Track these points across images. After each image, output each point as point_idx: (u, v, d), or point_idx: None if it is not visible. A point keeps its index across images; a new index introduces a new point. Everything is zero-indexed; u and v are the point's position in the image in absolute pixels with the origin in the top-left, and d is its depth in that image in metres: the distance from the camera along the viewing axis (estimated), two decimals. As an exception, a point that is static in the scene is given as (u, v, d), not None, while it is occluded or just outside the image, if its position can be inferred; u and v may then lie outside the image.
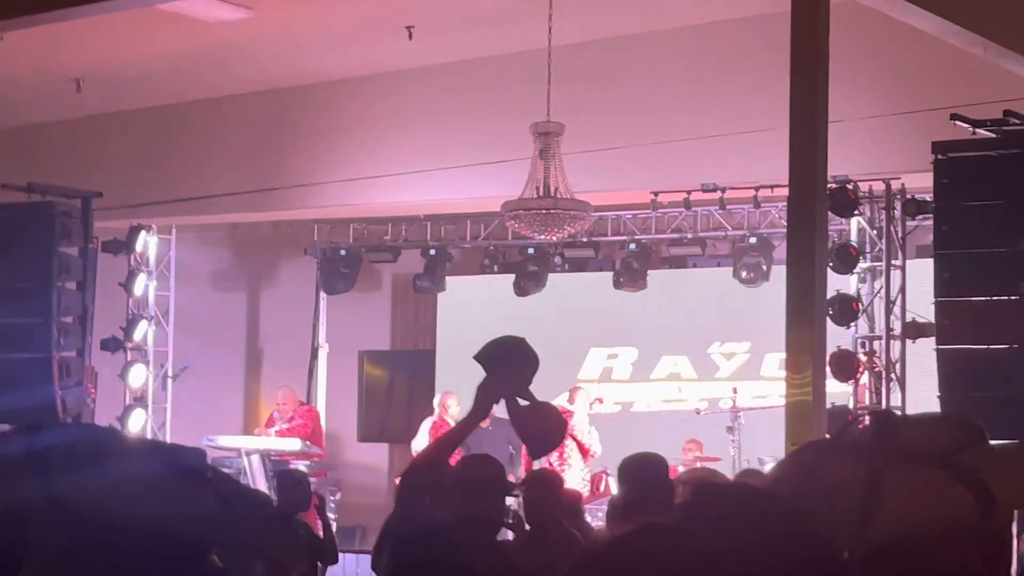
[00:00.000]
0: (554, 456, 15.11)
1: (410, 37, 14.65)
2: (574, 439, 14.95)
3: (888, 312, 14.02)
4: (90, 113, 17.64)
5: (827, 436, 8.46)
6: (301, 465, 15.83)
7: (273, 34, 14.87)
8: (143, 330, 17.22)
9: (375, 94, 16.31)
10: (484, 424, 15.75)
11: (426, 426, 15.73)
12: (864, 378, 13.95)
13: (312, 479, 15.94)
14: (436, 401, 16.10)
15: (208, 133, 17.32)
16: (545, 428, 5.28)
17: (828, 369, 11.32)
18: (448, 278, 18.24)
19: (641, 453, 7.79)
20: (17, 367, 14.36)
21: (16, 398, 14.34)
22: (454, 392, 15.76)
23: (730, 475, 14.26)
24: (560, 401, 15.53)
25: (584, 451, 15.04)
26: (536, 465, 12.75)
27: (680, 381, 17.40)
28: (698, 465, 14.80)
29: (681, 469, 13.59)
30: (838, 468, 1.48)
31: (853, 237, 14.37)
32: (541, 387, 19.42)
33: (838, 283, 13.58)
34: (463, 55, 15.54)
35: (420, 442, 15.33)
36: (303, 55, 15.62)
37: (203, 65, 15.97)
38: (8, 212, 14.68)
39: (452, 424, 15.34)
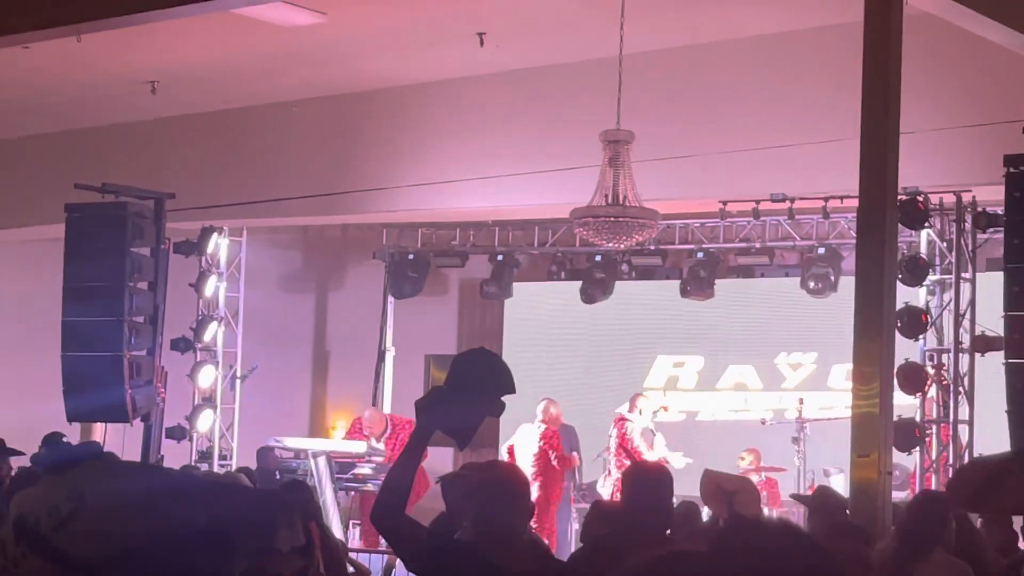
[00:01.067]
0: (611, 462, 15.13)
1: (481, 43, 14.71)
2: (624, 447, 14.91)
3: (957, 325, 13.94)
4: (164, 115, 17.82)
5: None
6: (367, 468, 15.93)
7: (345, 39, 14.97)
8: (213, 331, 17.37)
9: (446, 99, 16.38)
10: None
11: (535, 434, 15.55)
12: (932, 391, 13.87)
13: (379, 480, 16.04)
14: (540, 408, 15.74)
15: (280, 136, 17.45)
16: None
17: (895, 382, 11.27)
18: (515, 284, 18.29)
19: (645, 464, 7.99)
20: (89, 366, 14.51)
21: (87, 397, 14.50)
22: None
23: (795, 486, 14.27)
24: (621, 408, 15.54)
25: (637, 458, 14.98)
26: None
27: (746, 391, 17.37)
28: (762, 476, 14.79)
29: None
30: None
31: (923, 249, 14.30)
32: (607, 394, 19.62)
33: (907, 295, 13.51)
34: (534, 62, 15.59)
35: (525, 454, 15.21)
36: (374, 60, 15.71)
37: (276, 69, 16.10)
38: (82, 212, 14.84)
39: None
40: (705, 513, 9.44)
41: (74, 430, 15.21)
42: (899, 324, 12.47)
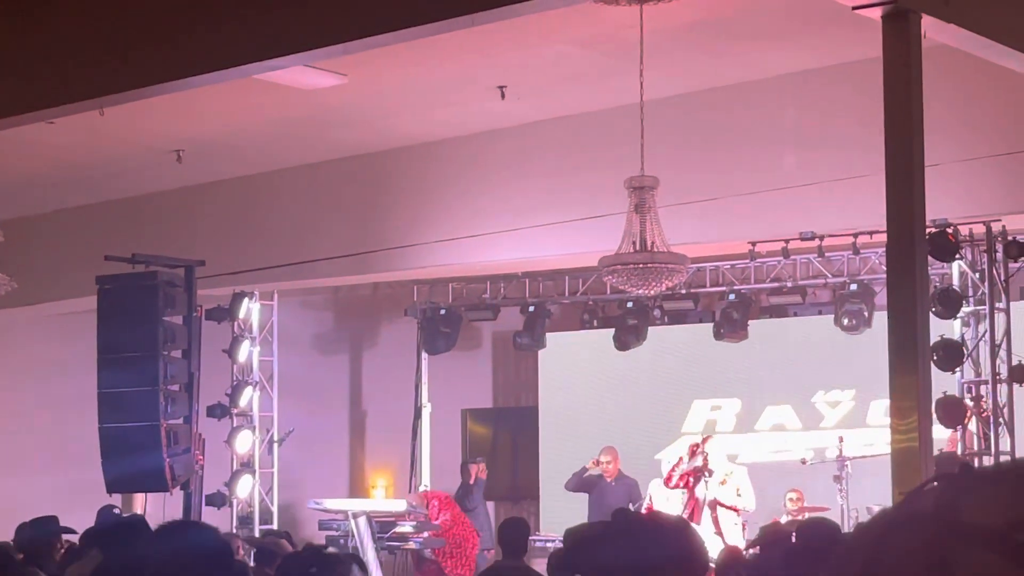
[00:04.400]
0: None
1: (503, 97, 14.76)
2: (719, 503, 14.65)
3: (994, 356, 13.86)
4: (191, 183, 17.91)
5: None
6: (408, 526, 15.90)
7: (367, 99, 15.03)
8: (248, 396, 17.40)
9: (470, 154, 16.42)
10: (609, 479, 15.80)
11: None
12: (972, 424, 13.78)
13: (420, 539, 16.02)
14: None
15: (306, 199, 17.51)
16: None
17: (934, 416, 11.19)
18: (548, 334, 18.26)
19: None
20: (126, 435, 14.56)
21: (126, 465, 14.54)
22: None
23: (840, 524, 14.14)
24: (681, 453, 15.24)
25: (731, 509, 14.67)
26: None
27: (785, 432, 17.28)
28: (805, 515, 14.68)
29: (785, 519, 13.48)
30: (902, 541, 1.35)
31: (955, 281, 14.24)
32: (645, 441, 19.54)
33: (942, 328, 13.44)
34: (555, 112, 15.62)
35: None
36: (397, 118, 15.77)
37: (300, 132, 16.17)
38: (114, 283, 14.92)
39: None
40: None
41: (116, 499, 15.23)
42: (935, 357, 12.39)
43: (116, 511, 14.35)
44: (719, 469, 14.87)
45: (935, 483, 1.37)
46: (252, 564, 10.92)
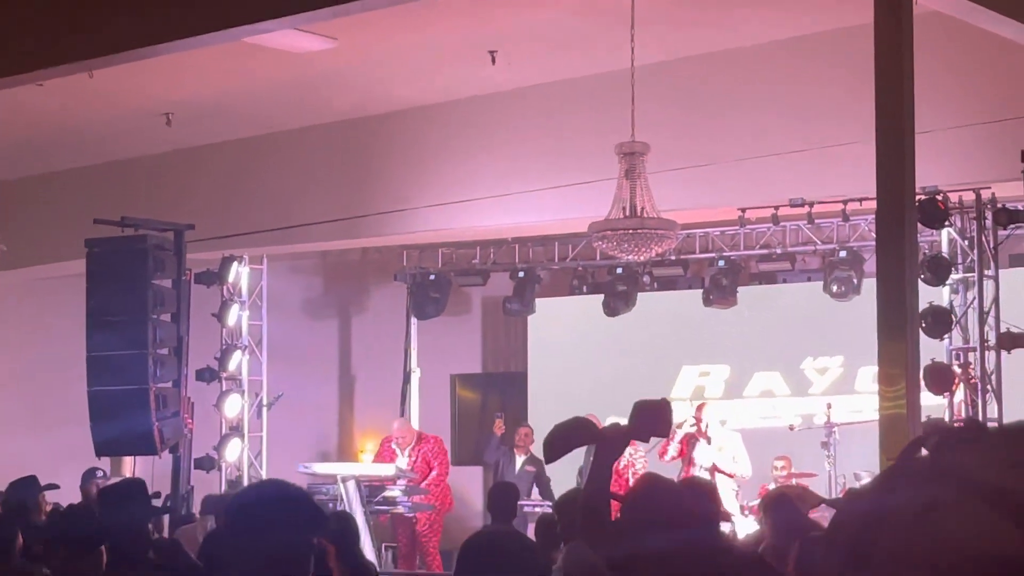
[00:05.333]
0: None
1: (493, 62, 14.72)
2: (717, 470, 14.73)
3: (982, 323, 13.88)
4: (180, 146, 17.87)
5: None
6: (397, 490, 15.93)
7: (357, 63, 14.99)
8: (237, 360, 17.40)
9: (460, 119, 16.39)
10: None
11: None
12: (960, 391, 13.82)
13: (408, 502, 16.05)
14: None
15: (296, 163, 17.48)
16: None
17: (922, 382, 11.21)
18: (537, 300, 18.28)
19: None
20: (115, 398, 14.55)
21: (114, 429, 14.54)
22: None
23: (827, 491, 14.21)
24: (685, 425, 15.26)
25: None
26: None
27: (774, 398, 17.32)
28: (793, 482, 14.72)
29: (772, 486, 13.51)
30: (900, 486, 1.37)
31: (944, 248, 14.25)
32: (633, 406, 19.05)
33: (931, 295, 13.47)
34: (546, 78, 15.59)
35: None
36: (387, 83, 15.73)
37: (290, 96, 16.13)
38: (103, 246, 14.89)
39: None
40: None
41: (104, 463, 15.25)
42: (923, 324, 12.43)
43: (100, 473, 14.39)
44: (716, 435, 14.94)
45: (936, 437, 1.38)
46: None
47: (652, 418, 5.33)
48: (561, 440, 5.35)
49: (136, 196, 17.57)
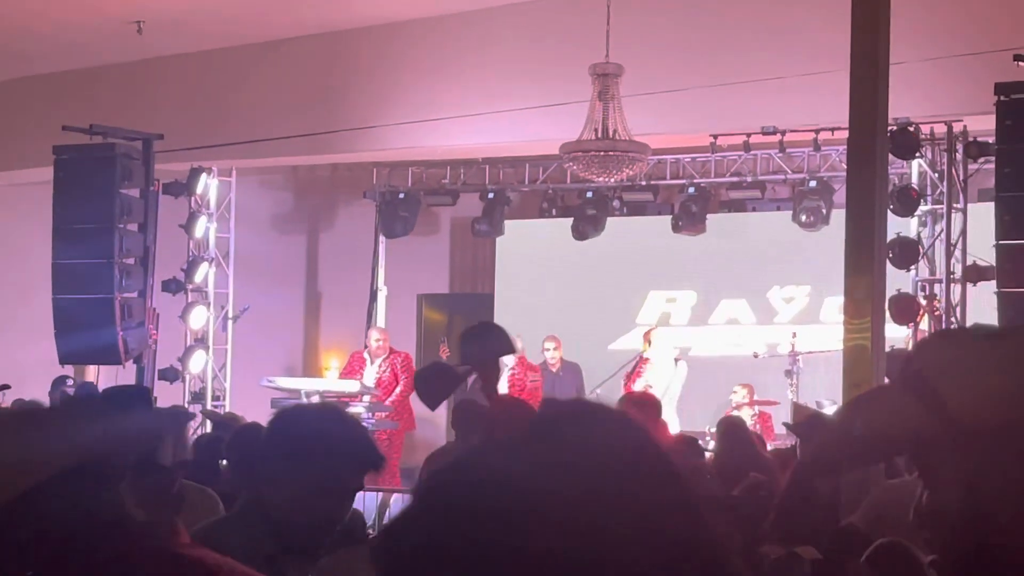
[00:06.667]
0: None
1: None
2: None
3: (949, 255, 13.94)
4: (151, 56, 17.72)
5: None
6: (361, 407, 15.95)
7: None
8: (204, 272, 17.33)
9: (434, 37, 16.29)
10: (554, 369, 15.87)
11: None
12: (924, 322, 13.88)
13: (372, 419, 16.08)
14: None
15: (268, 76, 17.35)
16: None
17: (888, 313, 11.26)
18: (506, 222, 18.23)
19: None
20: (80, 308, 14.52)
21: (79, 339, 14.51)
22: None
23: (788, 419, 14.27)
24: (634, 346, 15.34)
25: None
26: None
27: (739, 326, 17.37)
28: (756, 410, 14.81)
29: (735, 414, 13.58)
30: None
31: (914, 179, 14.28)
32: (601, 331, 19.61)
33: (898, 226, 13.50)
34: (522, -3, 15.50)
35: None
36: (361, -3, 15.62)
37: (261, 8, 16.00)
38: (71, 154, 14.81)
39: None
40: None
41: (69, 371, 15.23)
42: (891, 255, 12.45)
43: (70, 382, 14.37)
44: (659, 362, 14.98)
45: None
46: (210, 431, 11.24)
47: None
48: (431, 393, 5.08)
49: (106, 104, 17.41)
